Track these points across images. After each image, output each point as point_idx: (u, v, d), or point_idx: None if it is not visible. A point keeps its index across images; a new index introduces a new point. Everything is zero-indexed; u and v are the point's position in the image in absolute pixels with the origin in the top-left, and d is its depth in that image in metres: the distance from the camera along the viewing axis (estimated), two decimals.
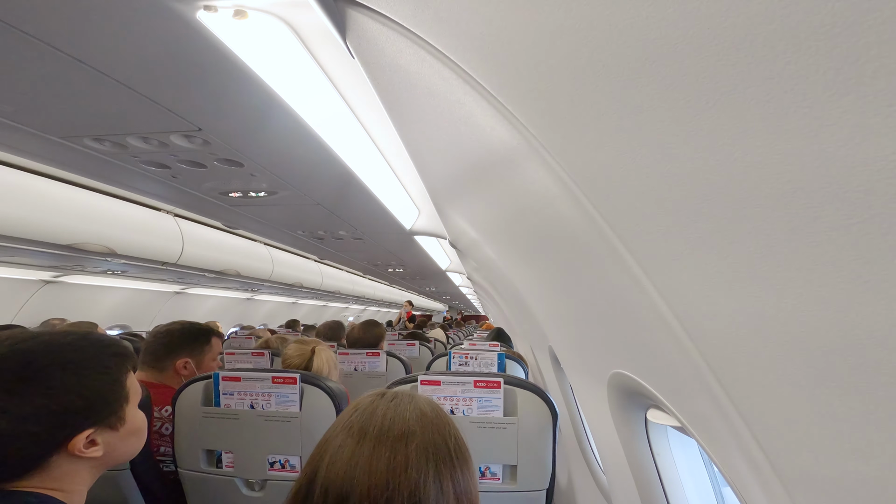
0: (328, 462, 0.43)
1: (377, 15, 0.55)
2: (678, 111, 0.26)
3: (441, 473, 0.43)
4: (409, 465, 0.42)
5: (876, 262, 0.20)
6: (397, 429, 0.45)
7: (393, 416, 0.46)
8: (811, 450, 0.28)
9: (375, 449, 0.43)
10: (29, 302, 3.29)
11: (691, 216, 0.29)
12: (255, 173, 1.55)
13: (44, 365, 0.57)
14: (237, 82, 0.96)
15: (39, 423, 0.54)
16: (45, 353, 0.58)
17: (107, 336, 0.67)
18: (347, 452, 0.43)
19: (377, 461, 0.42)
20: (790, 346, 0.26)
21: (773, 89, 0.20)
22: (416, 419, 0.46)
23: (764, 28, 0.19)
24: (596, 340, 0.74)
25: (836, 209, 0.20)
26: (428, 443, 0.44)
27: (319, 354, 1.34)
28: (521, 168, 0.55)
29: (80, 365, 0.59)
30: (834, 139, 0.19)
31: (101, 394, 0.60)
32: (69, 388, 0.57)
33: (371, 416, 0.46)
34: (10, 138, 1.27)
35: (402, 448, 0.43)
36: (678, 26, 0.23)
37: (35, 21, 0.76)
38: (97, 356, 0.62)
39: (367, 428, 0.45)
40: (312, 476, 0.44)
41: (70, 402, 0.56)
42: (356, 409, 0.48)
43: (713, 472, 0.81)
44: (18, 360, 0.56)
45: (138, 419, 0.65)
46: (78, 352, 0.60)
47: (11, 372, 0.55)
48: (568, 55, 0.32)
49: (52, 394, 0.55)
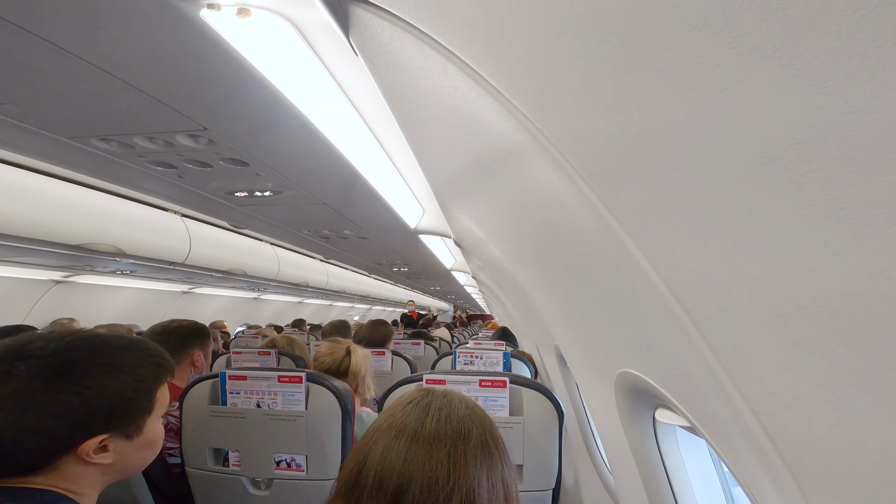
0: (381, 454, 0.45)
1: (380, 11, 0.54)
2: (689, 103, 0.25)
3: (492, 469, 0.45)
4: (468, 463, 0.44)
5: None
6: (453, 427, 0.46)
7: (448, 413, 0.48)
8: (830, 451, 0.27)
9: (434, 445, 0.44)
10: (40, 301, 3.33)
11: (704, 209, 0.28)
12: (261, 173, 1.56)
13: (87, 364, 0.56)
14: (241, 81, 0.96)
15: (63, 420, 0.54)
16: (91, 351, 0.57)
17: (153, 345, 0.66)
18: (403, 446, 0.44)
19: (437, 456, 0.43)
20: (808, 344, 0.25)
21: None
22: (468, 417, 0.48)
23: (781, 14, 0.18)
24: (603, 339, 0.73)
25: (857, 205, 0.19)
26: (481, 439, 0.46)
27: (356, 352, 1.34)
28: (527, 164, 0.54)
29: (120, 369, 0.59)
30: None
31: (130, 400, 0.59)
32: (101, 390, 0.56)
33: (423, 413, 0.47)
34: (19, 138, 1.29)
35: (461, 445, 0.45)
36: (688, 11, 0.22)
37: (42, 22, 0.77)
38: (137, 363, 0.61)
39: (421, 425, 0.46)
40: (360, 466, 0.45)
41: (97, 404, 0.56)
42: (401, 406, 0.50)
43: (723, 473, 0.79)
44: (68, 356, 0.56)
45: (156, 432, 0.64)
46: (121, 355, 0.60)
47: (56, 367, 0.55)
48: (574, 48, 0.31)
49: (85, 393, 0.55)
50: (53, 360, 0.55)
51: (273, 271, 3.87)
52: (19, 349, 0.55)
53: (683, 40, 0.23)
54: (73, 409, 0.54)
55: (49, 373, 0.54)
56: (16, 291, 3.17)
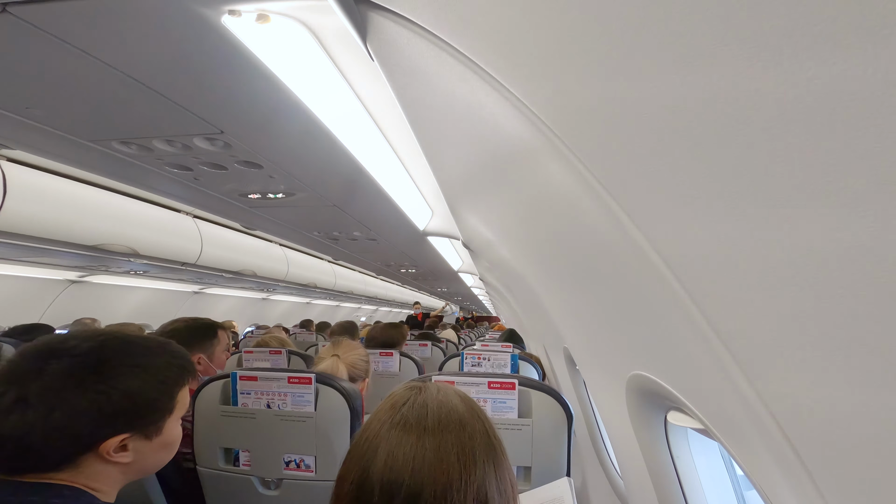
0: (384, 462, 0.41)
1: (399, 18, 0.56)
2: (705, 106, 0.26)
3: (499, 466, 0.43)
4: (476, 462, 0.41)
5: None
6: (455, 425, 0.43)
7: (448, 411, 0.44)
8: (849, 453, 0.27)
9: (441, 447, 0.41)
10: (56, 301, 3.40)
11: (723, 213, 0.29)
12: (274, 175, 1.58)
13: (117, 364, 0.57)
14: (258, 85, 0.98)
15: (88, 419, 0.54)
16: (121, 352, 0.58)
17: (178, 347, 0.67)
18: (409, 451, 0.41)
19: (447, 459, 0.41)
20: (828, 345, 0.25)
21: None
22: (469, 413, 0.45)
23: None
24: (615, 341, 0.73)
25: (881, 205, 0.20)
26: (485, 436, 0.44)
27: (346, 360, 1.34)
28: (542, 168, 0.55)
29: (145, 370, 0.60)
30: None
31: (152, 401, 0.60)
32: (126, 391, 0.57)
33: (423, 414, 0.44)
34: (42, 141, 1.32)
35: (468, 444, 0.42)
36: (715, 33, 0.23)
37: (68, 28, 0.80)
38: (163, 365, 0.62)
39: (423, 428, 0.43)
40: (363, 476, 0.41)
41: (121, 404, 0.57)
42: (400, 403, 0.46)
43: (735, 476, 0.79)
44: (99, 356, 0.57)
45: (174, 433, 0.64)
46: (149, 357, 0.61)
47: (87, 367, 0.56)
48: (594, 58, 0.32)
49: (112, 393, 0.56)
50: (86, 359, 0.56)
51: (282, 272, 3.91)
52: (54, 347, 0.56)
53: (703, 53, 0.24)
54: (99, 408, 0.55)
55: (80, 372, 0.55)
56: (33, 291, 3.24)
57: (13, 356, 0.56)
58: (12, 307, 3.16)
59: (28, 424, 0.52)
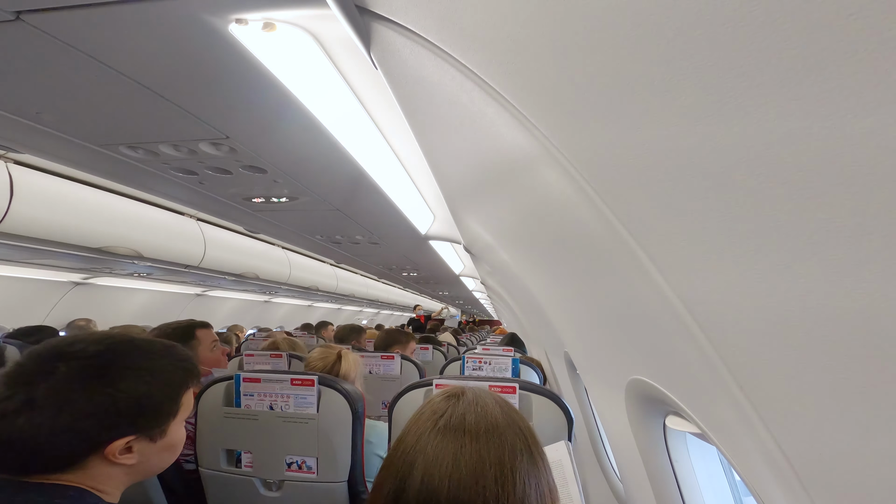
0: (420, 480, 0.41)
1: (402, 29, 0.57)
2: (703, 127, 0.27)
3: (539, 479, 0.42)
4: (516, 482, 0.41)
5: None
6: (496, 442, 0.43)
7: (486, 426, 0.44)
8: (835, 458, 0.28)
9: (479, 467, 0.41)
10: (60, 303, 3.42)
11: (714, 222, 0.30)
12: (278, 179, 1.60)
13: (123, 367, 0.58)
14: (263, 92, 1.00)
15: (94, 421, 0.55)
16: (128, 355, 0.59)
17: (183, 350, 0.67)
18: (445, 469, 0.41)
19: (483, 480, 0.40)
20: (815, 353, 0.26)
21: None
22: (509, 425, 0.45)
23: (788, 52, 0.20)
24: (614, 347, 0.74)
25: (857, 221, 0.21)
26: (526, 450, 0.43)
27: (347, 357, 1.35)
28: (539, 175, 0.56)
29: (152, 373, 0.60)
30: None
31: (157, 404, 0.60)
32: (132, 393, 0.58)
33: (460, 430, 0.43)
34: (52, 146, 1.34)
35: (507, 462, 0.41)
36: (702, 46, 0.24)
37: (79, 35, 0.81)
38: (168, 368, 0.62)
39: (461, 445, 0.42)
40: (399, 490, 0.41)
41: (127, 407, 0.57)
42: (432, 421, 0.45)
43: (733, 480, 0.79)
44: (107, 358, 0.57)
45: (178, 436, 0.65)
46: (154, 360, 0.61)
47: (94, 369, 0.56)
48: (592, 71, 0.33)
49: (118, 395, 0.56)
50: (93, 361, 0.57)
51: (284, 275, 3.93)
52: (62, 350, 0.57)
53: (697, 72, 0.25)
54: (105, 410, 0.55)
55: (87, 374, 0.56)
56: (37, 293, 3.26)
57: (21, 359, 0.57)
58: (17, 309, 3.18)
59: (35, 426, 0.52)
